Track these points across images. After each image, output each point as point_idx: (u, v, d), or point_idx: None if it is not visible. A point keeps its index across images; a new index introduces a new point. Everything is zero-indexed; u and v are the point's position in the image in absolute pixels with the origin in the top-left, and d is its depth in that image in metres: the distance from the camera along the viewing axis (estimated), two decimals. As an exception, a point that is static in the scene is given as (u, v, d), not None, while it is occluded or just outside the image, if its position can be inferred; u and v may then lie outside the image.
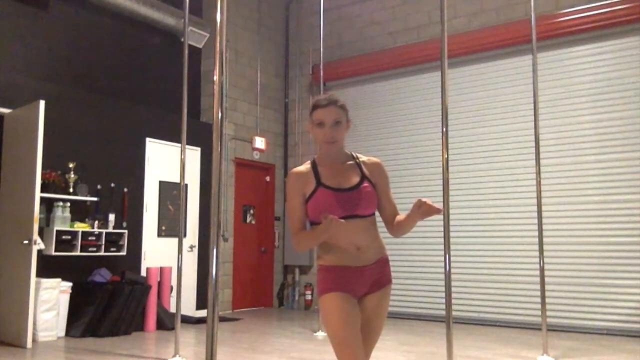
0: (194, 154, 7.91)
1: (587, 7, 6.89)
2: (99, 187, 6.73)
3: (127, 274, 6.63)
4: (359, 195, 2.35)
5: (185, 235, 7.45)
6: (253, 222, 9.08)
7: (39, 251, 5.71)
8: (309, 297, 8.87)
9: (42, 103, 5.67)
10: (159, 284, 6.87)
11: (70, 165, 6.35)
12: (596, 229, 6.70)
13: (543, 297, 5.17)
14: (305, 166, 2.44)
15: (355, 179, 2.39)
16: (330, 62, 8.44)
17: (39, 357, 5.12)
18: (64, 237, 6.16)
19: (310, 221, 2.39)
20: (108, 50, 7.41)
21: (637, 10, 6.57)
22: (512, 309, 7.12)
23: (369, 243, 2.35)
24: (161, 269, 6.92)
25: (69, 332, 6.07)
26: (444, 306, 3.58)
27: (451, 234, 3.74)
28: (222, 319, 7.43)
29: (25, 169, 5.69)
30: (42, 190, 5.76)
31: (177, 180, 6.38)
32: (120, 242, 6.72)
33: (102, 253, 6.49)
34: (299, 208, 2.37)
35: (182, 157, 5.21)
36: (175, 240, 6.05)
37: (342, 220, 2.17)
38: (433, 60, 7.59)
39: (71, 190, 6.35)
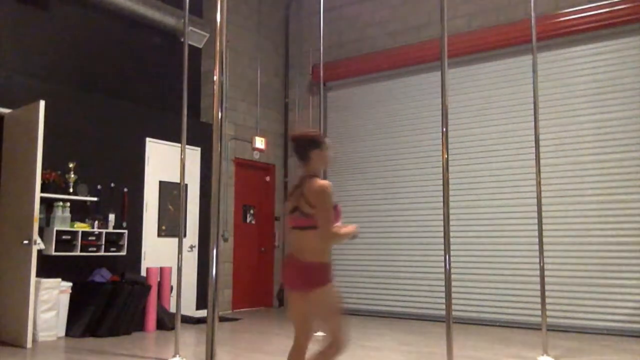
0: (194, 154, 7.91)
1: (587, 7, 6.89)
2: (99, 187, 6.73)
3: (127, 274, 6.63)
4: None
5: (185, 235, 7.45)
6: (253, 222, 9.08)
7: (39, 251, 5.71)
8: (309, 297, 8.84)
9: (42, 103, 5.67)
10: (159, 284, 6.87)
11: (70, 165, 6.35)
12: (596, 229, 6.70)
13: (543, 297, 5.17)
14: None
15: None
16: (330, 62, 8.44)
17: (39, 357, 5.12)
18: (64, 237, 6.16)
19: None
20: (108, 50, 7.41)
21: (637, 10, 6.57)
22: (512, 309, 7.12)
23: None
24: (161, 269, 6.92)
25: (69, 332, 6.06)
26: (444, 306, 3.59)
27: (451, 234, 3.75)
28: (222, 319, 7.44)
29: (25, 169, 5.69)
30: (42, 190, 5.75)
31: (177, 180, 6.38)
32: (120, 242, 6.72)
33: (102, 253, 6.49)
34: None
35: (182, 157, 5.21)
36: (175, 240, 6.05)
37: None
38: (433, 60, 7.58)
39: (71, 190, 6.35)
